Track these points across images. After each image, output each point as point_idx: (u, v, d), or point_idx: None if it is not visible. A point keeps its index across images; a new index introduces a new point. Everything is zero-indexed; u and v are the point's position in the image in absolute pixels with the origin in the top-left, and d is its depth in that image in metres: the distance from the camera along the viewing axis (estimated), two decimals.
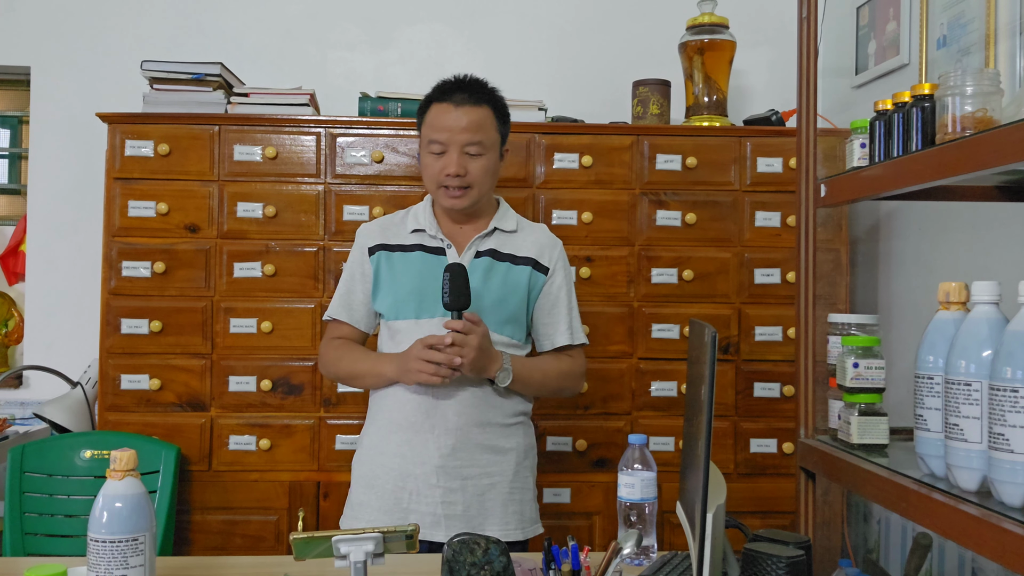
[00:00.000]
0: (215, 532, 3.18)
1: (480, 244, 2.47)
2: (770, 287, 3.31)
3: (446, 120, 2.38)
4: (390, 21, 3.92)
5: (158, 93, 3.27)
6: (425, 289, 2.39)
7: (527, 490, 2.48)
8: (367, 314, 2.53)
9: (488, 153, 2.42)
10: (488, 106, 2.44)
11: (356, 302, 2.53)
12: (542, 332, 2.53)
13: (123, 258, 3.18)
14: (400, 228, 2.52)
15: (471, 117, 2.39)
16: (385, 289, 2.47)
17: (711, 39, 3.43)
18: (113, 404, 3.19)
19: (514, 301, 2.45)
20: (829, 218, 3.28)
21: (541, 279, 2.50)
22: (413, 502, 2.36)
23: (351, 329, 2.54)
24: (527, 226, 2.57)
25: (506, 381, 2.37)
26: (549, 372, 2.50)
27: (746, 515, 3.07)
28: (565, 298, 2.53)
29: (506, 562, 1.63)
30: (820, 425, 2.25)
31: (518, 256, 2.48)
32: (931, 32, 2.97)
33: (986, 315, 1.54)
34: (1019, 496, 1.41)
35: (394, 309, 2.44)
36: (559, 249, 2.55)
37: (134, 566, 1.59)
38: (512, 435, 2.45)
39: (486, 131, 2.41)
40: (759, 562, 1.66)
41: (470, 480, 2.37)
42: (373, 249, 2.50)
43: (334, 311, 2.54)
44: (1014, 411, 1.39)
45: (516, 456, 2.45)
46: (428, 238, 2.47)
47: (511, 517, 2.41)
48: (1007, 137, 1.46)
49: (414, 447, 2.37)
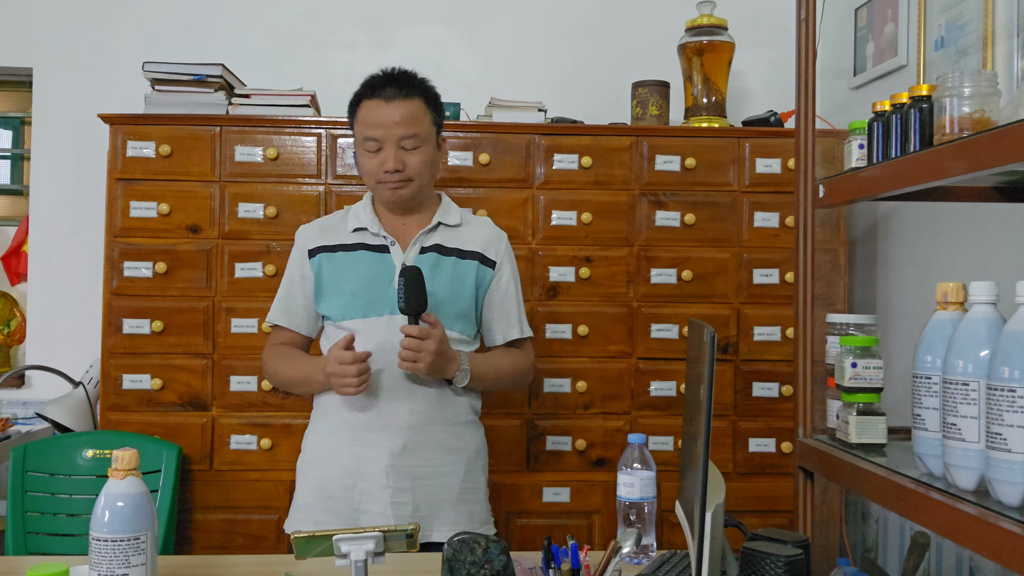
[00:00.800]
0: (216, 531, 3.18)
1: (424, 240, 2.42)
2: (769, 287, 3.32)
3: (379, 116, 2.34)
4: (390, 23, 3.92)
5: (160, 94, 3.27)
6: (372, 288, 2.35)
7: (479, 490, 2.45)
8: (308, 318, 2.48)
9: (424, 145, 2.37)
10: (420, 98, 2.39)
11: (296, 306, 2.47)
12: (493, 327, 2.51)
13: (125, 258, 3.19)
14: (340, 228, 2.46)
15: (404, 111, 2.34)
16: (330, 291, 2.42)
17: (710, 40, 3.44)
18: (115, 404, 3.19)
19: (464, 296, 2.42)
20: (827, 219, 3.28)
21: (489, 273, 2.48)
22: (364, 502, 2.32)
23: (293, 334, 2.48)
24: (471, 220, 2.54)
25: (464, 381, 2.35)
26: (504, 368, 2.49)
27: (745, 514, 3.07)
28: (514, 292, 2.52)
29: (506, 561, 1.62)
30: (818, 425, 2.25)
31: (464, 251, 2.45)
32: (929, 33, 2.97)
33: (984, 315, 1.53)
34: (1016, 495, 1.41)
35: (342, 310, 2.38)
36: (505, 243, 2.54)
37: (136, 565, 1.58)
38: (463, 435, 2.43)
39: (420, 123, 2.36)
40: (758, 561, 1.65)
41: (420, 480, 2.33)
42: (313, 251, 2.45)
43: (274, 317, 2.49)
44: (1011, 411, 1.39)
45: (467, 456, 2.42)
46: (370, 236, 2.42)
47: (461, 517, 2.37)
48: (1005, 138, 1.46)
49: (365, 446, 2.33)
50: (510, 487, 3.24)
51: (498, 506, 3.21)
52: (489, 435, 3.21)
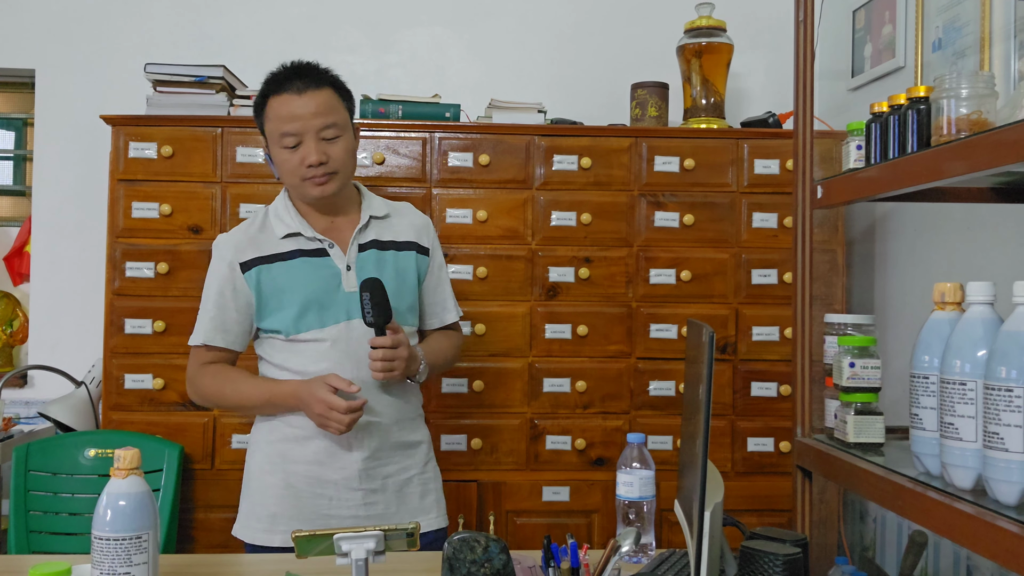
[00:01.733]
0: (217, 530, 3.17)
1: (360, 237, 2.36)
2: (767, 287, 3.33)
3: (293, 109, 2.24)
4: (391, 24, 3.93)
5: (161, 95, 3.28)
6: (321, 296, 2.28)
7: (438, 479, 2.47)
8: (242, 334, 2.36)
9: (344, 135, 2.29)
10: (329, 87, 2.30)
11: (230, 322, 2.33)
12: (431, 312, 2.50)
13: (127, 259, 3.20)
14: (267, 235, 2.34)
15: (318, 101, 2.25)
16: (275, 305, 2.30)
17: (709, 42, 3.44)
18: (117, 403, 3.20)
19: (410, 289, 2.40)
20: (826, 219, 3.28)
21: (425, 260, 2.46)
22: (334, 507, 2.29)
23: (226, 353, 2.36)
24: (396, 208, 2.48)
25: (425, 375, 2.36)
26: (447, 353, 2.51)
27: (743, 513, 3.08)
28: (445, 275, 2.53)
29: (506, 559, 1.62)
30: (817, 424, 2.25)
31: (399, 242, 2.41)
32: (927, 35, 2.98)
33: (981, 315, 1.54)
34: (1013, 494, 1.41)
35: (295, 323, 2.28)
36: (431, 226, 2.52)
37: (138, 564, 1.59)
38: (418, 428, 2.44)
39: (336, 112, 2.28)
40: (756, 560, 1.66)
41: (390, 478, 2.33)
42: (247, 264, 2.31)
43: (206, 337, 2.33)
44: (1008, 410, 1.39)
45: (425, 447, 2.44)
46: (305, 241, 2.32)
47: (431, 506, 2.40)
48: (1002, 139, 1.46)
49: (333, 454, 2.28)
50: (510, 486, 3.25)
51: (498, 505, 3.24)
52: (489, 434, 3.25)
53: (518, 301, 3.28)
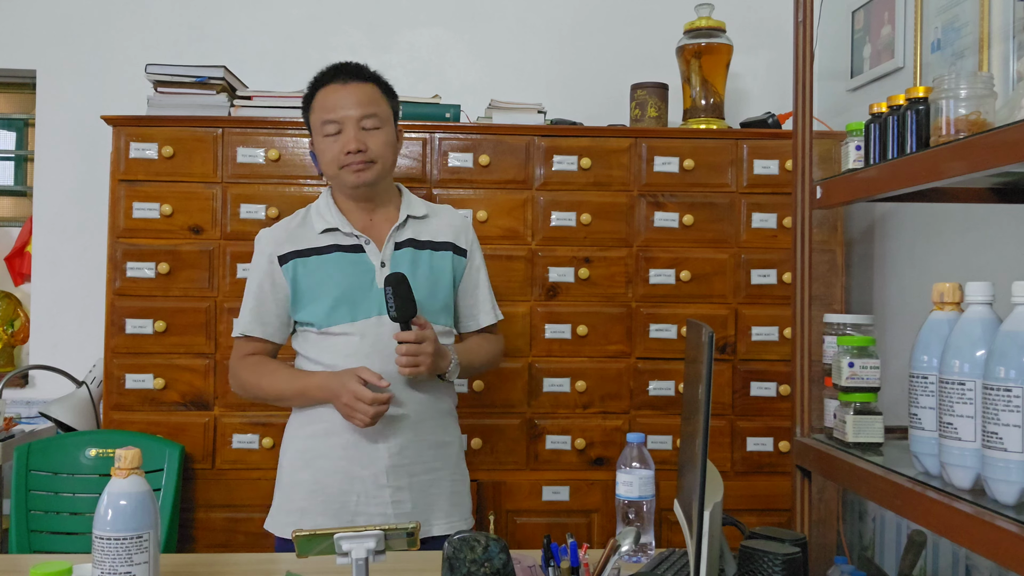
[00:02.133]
0: (218, 530, 3.19)
1: (397, 235, 2.39)
2: (766, 288, 3.33)
3: (336, 99, 2.32)
4: (391, 25, 3.93)
5: (162, 96, 3.28)
6: (354, 290, 2.32)
7: (467, 481, 2.47)
8: (281, 326, 2.41)
9: (385, 127, 2.35)
10: (374, 84, 2.38)
11: (269, 314, 2.40)
12: (467, 313, 2.51)
13: (128, 259, 3.20)
14: (306, 230, 2.40)
15: (361, 92, 2.33)
16: (309, 297, 2.35)
17: (708, 43, 3.45)
18: (118, 403, 3.20)
19: (444, 289, 2.42)
20: (825, 219, 3.28)
21: (462, 262, 2.47)
22: (361, 504, 2.30)
23: (265, 344, 2.42)
24: (435, 209, 2.52)
25: (456, 374, 2.36)
26: (484, 355, 2.51)
27: (743, 513, 3.08)
28: (484, 277, 2.53)
29: (506, 559, 1.62)
30: (816, 424, 2.24)
31: (437, 242, 2.43)
32: (925, 36, 2.98)
33: (980, 315, 1.54)
34: (1012, 494, 1.41)
35: (327, 317, 2.33)
36: (471, 228, 2.54)
37: (138, 563, 1.59)
38: (450, 427, 2.45)
39: (379, 104, 2.35)
40: (756, 559, 1.65)
41: (416, 477, 2.33)
42: (285, 258, 2.37)
43: (246, 328, 2.40)
44: (1007, 410, 1.40)
45: (455, 448, 2.44)
46: (342, 236, 2.37)
47: (455, 509, 2.39)
48: (1001, 139, 1.46)
49: (361, 450, 2.30)
50: (510, 486, 3.25)
51: (498, 505, 3.24)
52: (489, 434, 3.26)
53: (518, 301, 3.28)
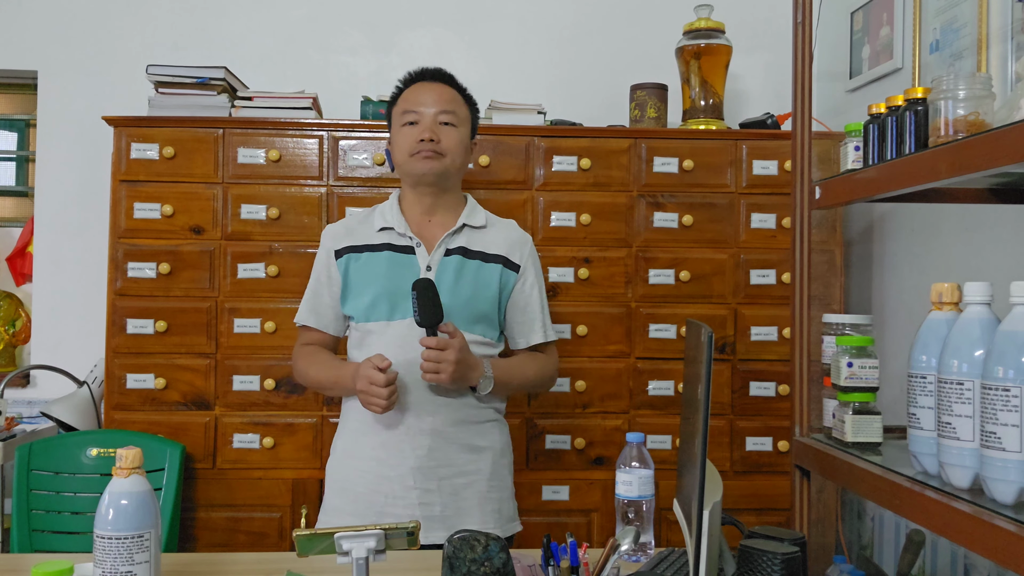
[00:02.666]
0: (219, 529, 3.20)
1: (450, 242, 2.42)
2: (765, 288, 3.34)
3: (419, 95, 2.42)
4: (391, 26, 3.94)
5: (163, 97, 3.29)
6: (395, 290, 2.35)
7: (505, 488, 2.45)
8: (335, 318, 2.49)
9: (461, 127, 2.43)
10: (457, 90, 2.49)
11: (323, 306, 2.48)
12: (516, 331, 2.51)
13: (129, 259, 3.21)
14: (367, 227, 2.47)
15: (443, 91, 2.43)
16: (355, 291, 2.42)
17: (708, 44, 3.45)
18: (119, 403, 3.21)
19: (485, 300, 2.41)
20: (824, 220, 3.29)
21: (512, 277, 2.47)
22: (389, 505, 2.32)
23: (321, 335, 2.50)
24: (496, 222, 2.53)
25: (488, 388, 2.35)
26: (527, 373, 2.49)
27: (742, 512, 3.09)
28: (538, 296, 2.51)
29: (505, 558, 1.62)
30: (815, 423, 2.24)
31: (488, 254, 2.44)
32: (924, 37, 2.99)
33: (978, 315, 1.54)
34: (1010, 494, 1.42)
35: (365, 311, 2.39)
36: (529, 246, 2.53)
37: (139, 562, 1.60)
38: (488, 433, 2.42)
39: (458, 106, 2.44)
40: (755, 558, 1.65)
41: (446, 480, 2.33)
42: (340, 252, 2.45)
43: (302, 317, 2.51)
44: (1006, 410, 1.40)
45: (492, 454, 2.42)
46: (397, 236, 2.42)
47: (489, 516, 2.37)
48: (999, 140, 1.46)
49: (389, 449, 2.33)
50: None
51: None
52: None
53: None
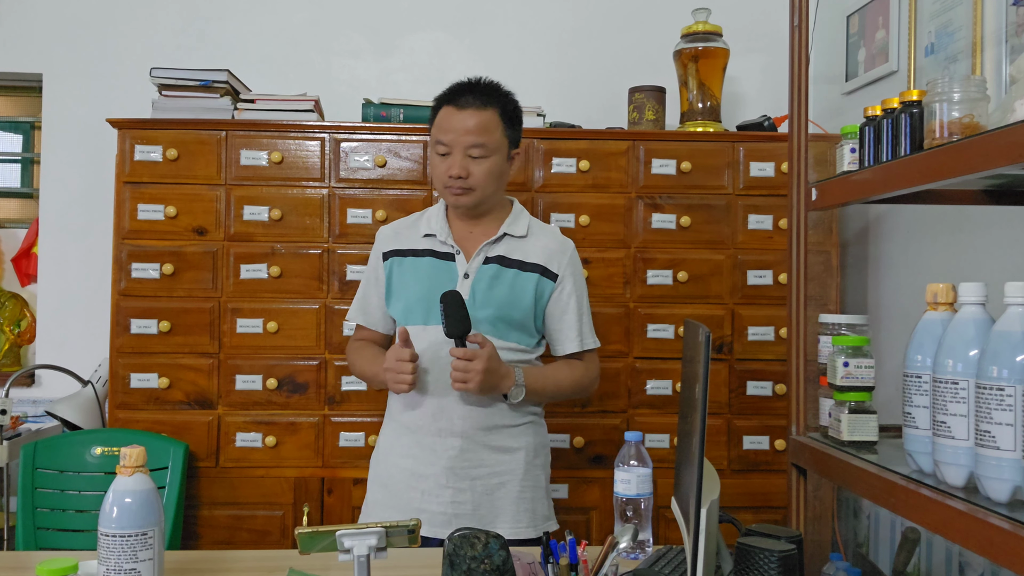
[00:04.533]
0: (222, 527, 3.21)
1: (489, 250, 2.44)
2: (763, 288, 3.35)
3: (451, 122, 2.38)
4: (393, 29, 3.95)
5: (167, 99, 3.30)
6: (433, 296, 2.35)
7: (539, 488, 2.47)
8: (383, 317, 2.55)
9: (493, 156, 2.39)
10: (495, 109, 2.42)
11: (371, 306, 2.56)
12: (554, 338, 2.51)
13: (133, 260, 3.22)
14: (413, 232, 2.52)
15: (475, 120, 2.37)
16: (397, 294, 2.48)
17: (705, 47, 3.47)
18: (123, 402, 3.23)
19: (521, 308, 2.42)
20: (820, 221, 3.30)
21: (549, 285, 2.46)
22: (425, 502, 2.36)
23: (371, 332, 2.58)
24: (538, 230, 2.53)
25: (519, 397, 2.36)
26: (561, 381, 2.48)
27: (739, 510, 3.10)
28: (575, 304, 2.49)
29: (505, 556, 1.63)
30: (811, 422, 2.25)
31: (526, 262, 2.45)
32: (919, 40, 2.99)
33: (973, 315, 1.54)
34: (1005, 492, 1.42)
35: (404, 315, 2.44)
36: (569, 254, 2.51)
37: (143, 560, 1.61)
38: (521, 435, 2.44)
39: (490, 133, 2.38)
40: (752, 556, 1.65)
41: (479, 480, 2.36)
42: (387, 255, 2.51)
43: (352, 315, 2.60)
44: (1000, 409, 1.41)
45: (526, 455, 2.43)
46: (439, 243, 2.46)
47: (523, 515, 2.40)
48: (993, 142, 1.47)
49: (424, 449, 2.38)
50: None
51: None
52: None
53: None
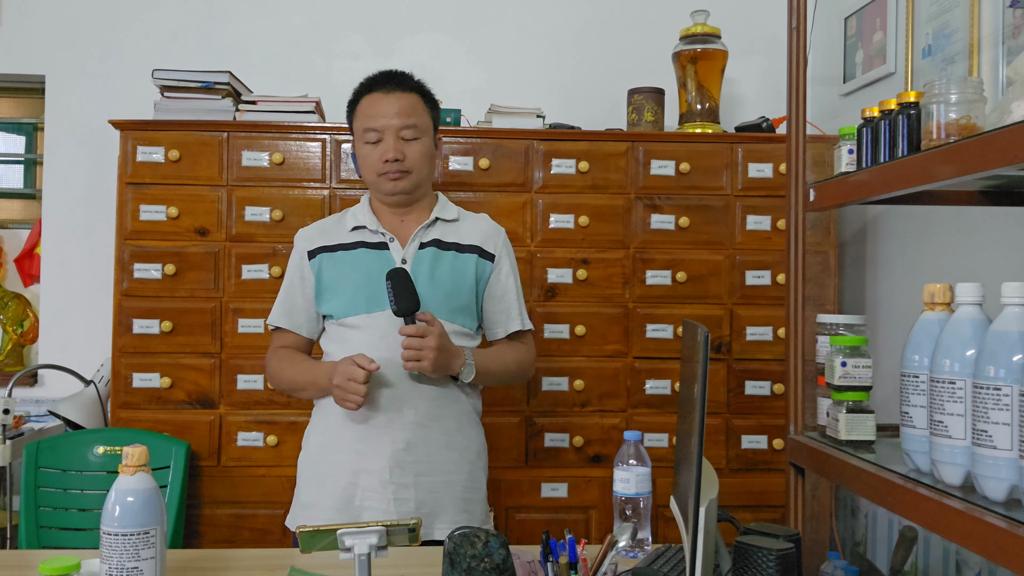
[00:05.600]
0: (223, 526, 3.22)
1: (423, 235, 2.42)
2: (761, 288, 3.36)
3: (378, 108, 2.38)
4: (393, 31, 3.96)
5: (169, 101, 3.32)
6: (373, 284, 2.34)
7: (479, 490, 2.45)
8: (308, 320, 2.48)
9: (423, 137, 2.40)
10: (417, 94, 2.44)
11: (296, 308, 2.47)
12: (494, 320, 2.50)
13: (135, 260, 3.23)
14: (339, 228, 2.47)
15: (402, 102, 2.39)
16: (332, 290, 2.41)
17: (704, 48, 3.48)
18: (125, 401, 3.24)
19: (463, 289, 2.42)
20: (818, 222, 3.30)
21: (488, 267, 2.48)
22: (366, 499, 2.31)
23: (294, 336, 2.48)
24: (468, 215, 2.55)
25: (471, 376, 2.34)
26: (508, 362, 2.48)
27: (738, 509, 3.10)
28: (514, 284, 2.52)
29: (505, 554, 1.63)
30: (809, 422, 2.24)
31: (463, 244, 2.45)
32: (916, 42, 3.00)
33: (970, 316, 1.54)
34: (1001, 491, 1.42)
35: (344, 308, 2.38)
36: (503, 236, 2.54)
37: (145, 559, 1.61)
38: (467, 434, 2.42)
39: (419, 115, 2.40)
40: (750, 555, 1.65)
41: (423, 477, 2.32)
42: (313, 253, 2.45)
43: (275, 319, 2.50)
44: (996, 408, 1.40)
45: (470, 456, 2.42)
46: (369, 234, 2.43)
47: (462, 516, 2.36)
48: (990, 143, 1.46)
49: (369, 443, 2.31)
50: (509, 483, 3.28)
51: (498, 501, 3.26)
52: (489, 432, 3.23)
53: None
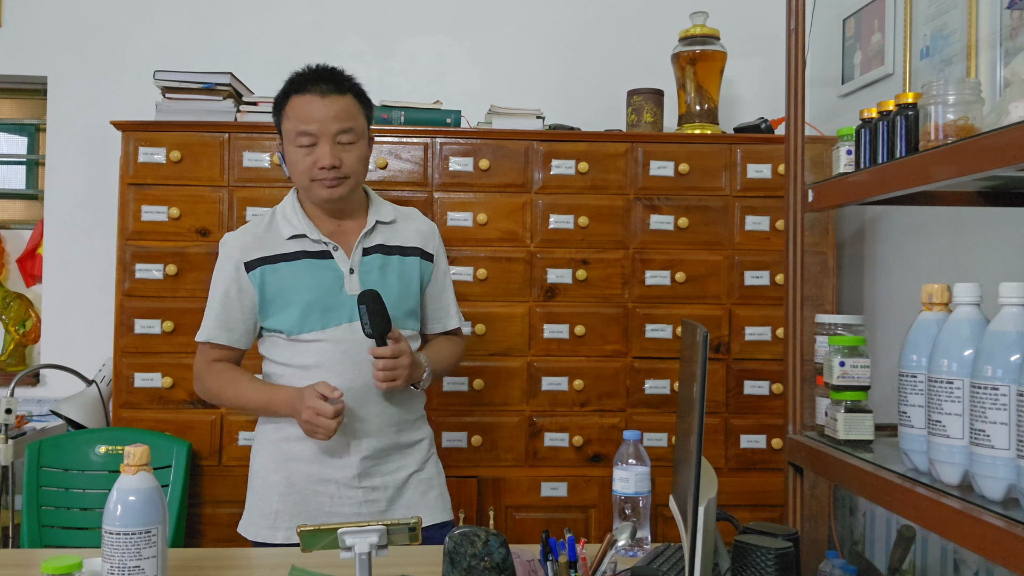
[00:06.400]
0: (225, 525, 3.20)
1: (366, 241, 2.36)
2: (760, 289, 3.37)
3: (313, 111, 2.24)
4: (393, 33, 3.97)
5: (170, 102, 3.32)
6: (324, 298, 2.28)
7: (440, 475, 2.47)
8: (247, 332, 2.36)
9: (359, 141, 2.30)
10: (351, 95, 2.31)
11: (235, 321, 2.34)
12: (433, 317, 2.50)
13: (136, 261, 3.24)
14: (274, 236, 2.34)
15: (339, 106, 2.26)
16: (279, 305, 2.30)
17: (703, 50, 3.48)
18: (127, 401, 3.24)
19: (412, 294, 2.41)
20: (816, 222, 3.31)
21: (429, 267, 2.46)
22: (336, 505, 2.29)
23: (230, 351, 2.37)
24: (401, 214, 2.47)
25: (429, 382, 2.37)
26: (449, 358, 2.51)
27: (736, 508, 3.04)
28: (449, 282, 2.52)
29: (505, 553, 1.63)
30: (808, 421, 2.24)
31: (406, 247, 2.41)
32: (915, 43, 3.01)
33: (968, 316, 1.54)
34: (999, 490, 1.42)
35: (298, 324, 2.29)
36: (437, 234, 2.51)
37: (147, 558, 1.61)
38: (419, 429, 2.43)
39: (355, 119, 2.29)
40: (749, 554, 1.66)
41: (390, 475, 2.33)
42: (252, 264, 2.31)
43: (211, 335, 2.34)
44: (994, 408, 1.40)
45: (423, 446, 2.43)
46: (310, 243, 2.32)
47: (432, 502, 2.39)
48: (988, 144, 1.47)
49: (333, 453, 2.28)
50: (509, 482, 3.29)
51: (498, 500, 3.27)
52: (489, 431, 3.29)
53: (517, 302, 3.33)
